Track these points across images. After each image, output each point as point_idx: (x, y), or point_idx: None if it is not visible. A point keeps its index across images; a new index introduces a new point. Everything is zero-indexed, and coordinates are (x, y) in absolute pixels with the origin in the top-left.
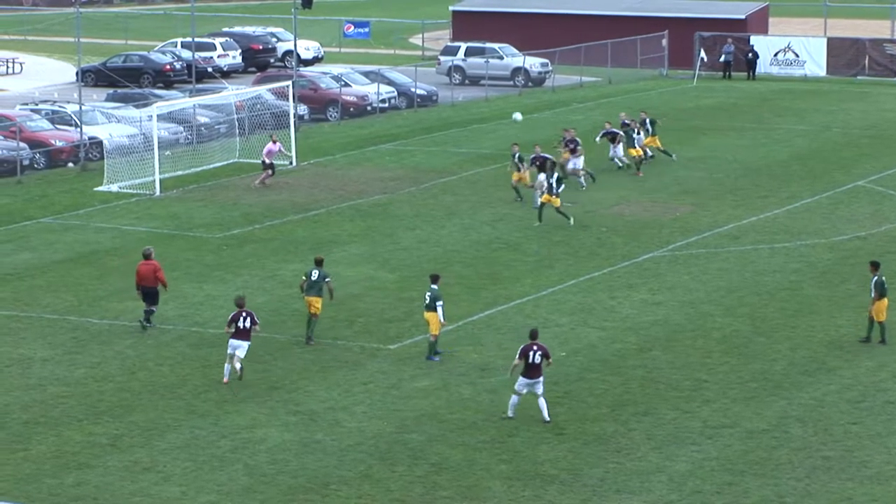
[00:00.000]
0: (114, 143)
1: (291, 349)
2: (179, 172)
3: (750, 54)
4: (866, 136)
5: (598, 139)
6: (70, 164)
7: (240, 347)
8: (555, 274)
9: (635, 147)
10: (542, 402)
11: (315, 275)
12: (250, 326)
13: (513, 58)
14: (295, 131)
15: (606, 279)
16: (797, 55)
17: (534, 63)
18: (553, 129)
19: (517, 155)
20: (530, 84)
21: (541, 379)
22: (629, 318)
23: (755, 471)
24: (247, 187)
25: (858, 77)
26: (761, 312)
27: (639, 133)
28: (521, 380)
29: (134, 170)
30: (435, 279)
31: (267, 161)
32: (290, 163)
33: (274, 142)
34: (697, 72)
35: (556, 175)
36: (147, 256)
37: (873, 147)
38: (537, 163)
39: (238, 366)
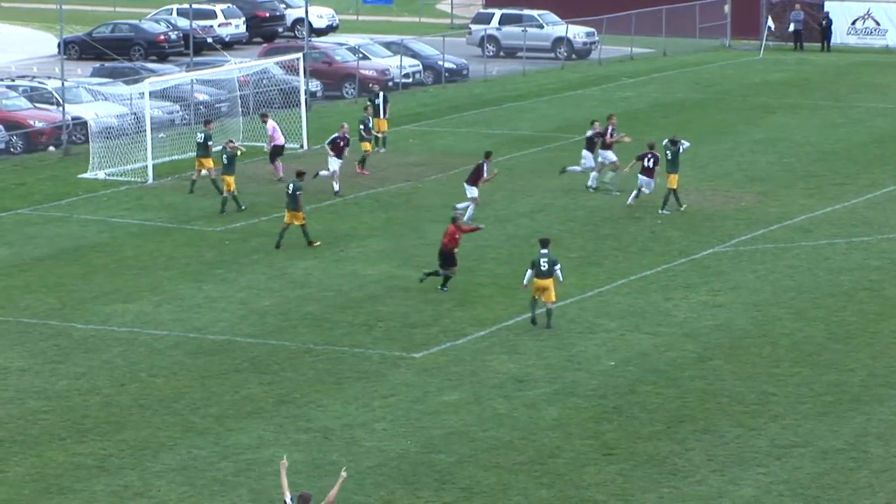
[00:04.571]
0: (100, 123)
1: (302, 358)
2: (175, 157)
3: (824, 22)
4: None
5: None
6: (51, 148)
7: None
8: (602, 272)
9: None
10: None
11: (290, 188)
12: None
13: (554, 26)
14: (307, 110)
15: (661, 278)
16: (878, 23)
17: (578, 32)
18: (603, 108)
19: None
20: (574, 56)
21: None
22: (686, 322)
23: (830, 496)
24: (252, 175)
25: None
26: (837, 316)
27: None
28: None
29: (123, 154)
30: (545, 243)
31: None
32: (301, 146)
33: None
34: (765, 42)
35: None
36: None
37: None
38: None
39: None
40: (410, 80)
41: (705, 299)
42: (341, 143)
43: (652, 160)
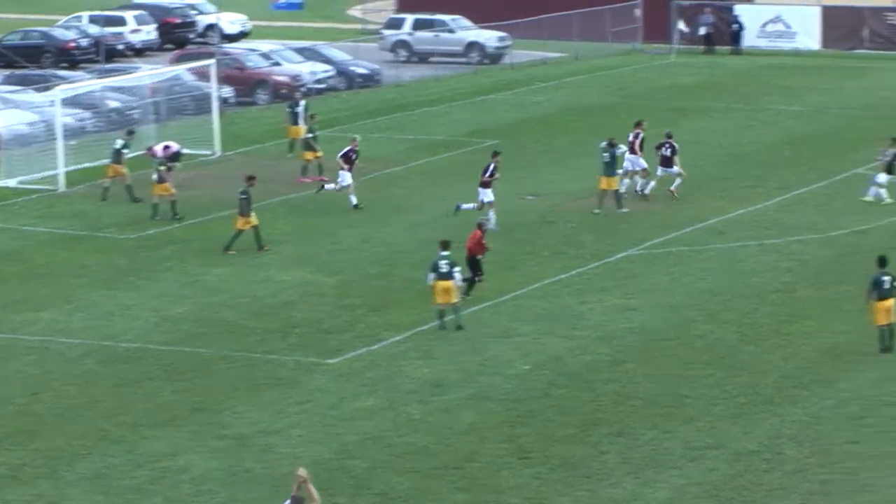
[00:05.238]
0: (11, 131)
1: (217, 365)
2: (87, 164)
3: (734, 25)
4: (866, 116)
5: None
6: None
7: None
8: (517, 276)
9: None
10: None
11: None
12: None
13: (466, 31)
14: (218, 117)
15: (575, 282)
16: (788, 26)
17: (490, 37)
18: (516, 112)
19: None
20: (486, 61)
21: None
22: (600, 325)
23: (744, 497)
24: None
25: (856, 50)
26: (749, 318)
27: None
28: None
29: (35, 162)
30: (446, 245)
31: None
32: (213, 153)
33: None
34: (676, 46)
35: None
36: None
37: (874, 130)
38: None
39: None
40: (323, 85)
41: (619, 302)
42: (353, 157)
43: (669, 150)
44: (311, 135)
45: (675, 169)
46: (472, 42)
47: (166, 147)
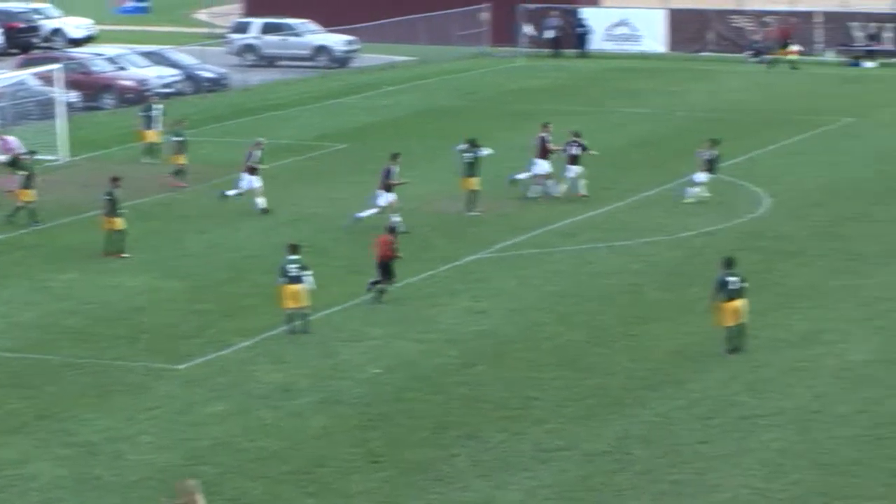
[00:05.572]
0: None
1: (65, 372)
2: None
3: (580, 28)
4: (712, 119)
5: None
6: None
7: None
8: (366, 280)
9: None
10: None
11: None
12: None
13: (314, 35)
14: (64, 122)
15: (425, 285)
16: (634, 29)
17: (338, 41)
18: (364, 116)
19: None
20: (335, 65)
21: None
22: (451, 329)
23: (595, 498)
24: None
25: (702, 53)
26: (599, 320)
27: None
28: None
29: None
30: (294, 249)
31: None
32: (59, 158)
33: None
34: (523, 49)
35: None
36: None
37: (720, 132)
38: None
39: None
40: (170, 90)
41: (469, 305)
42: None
43: (578, 148)
44: (180, 138)
45: (579, 168)
46: (320, 46)
47: (4, 141)
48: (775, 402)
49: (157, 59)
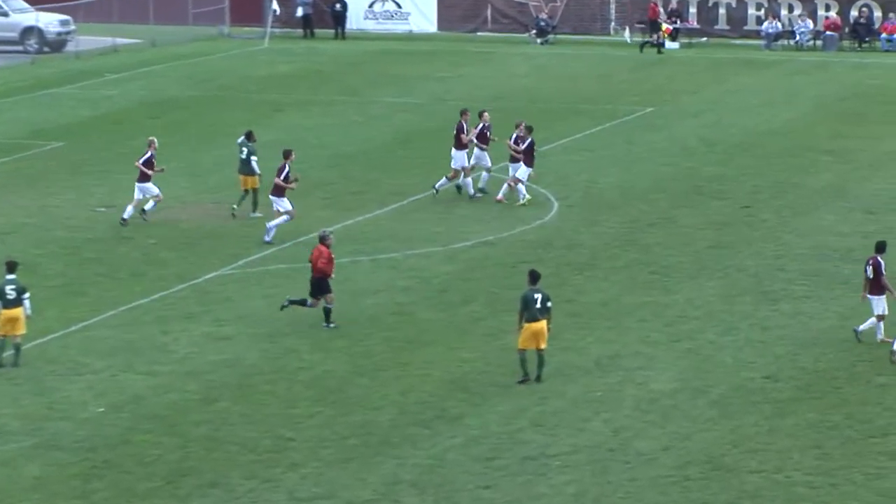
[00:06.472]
0: None
1: None
2: None
3: (337, 6)
4: (493, 108)
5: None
6: None
7: None
8: (87, 302)
9: None
10: None
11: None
12: None
13: (22, 14)
14: None
15: (156, 307)
16: (399, 6)
17: (51, 21)
18: (84, 108)
19: None
20: (47, 49)
21: None
22: (188, 359)
23: None
24: None
25: (479, 33)
26: (362, 346)
27: None
28: None
29: None
30: (12, 268)
31: None
32: None
33: None
34: (270, 29)
35: None
36: None
37: (502, 125)
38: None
39: None
40: None
41: (209, 331)
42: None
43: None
44: None
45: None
46: (29, 27)
47: None
48: (568, 439)
49: None
